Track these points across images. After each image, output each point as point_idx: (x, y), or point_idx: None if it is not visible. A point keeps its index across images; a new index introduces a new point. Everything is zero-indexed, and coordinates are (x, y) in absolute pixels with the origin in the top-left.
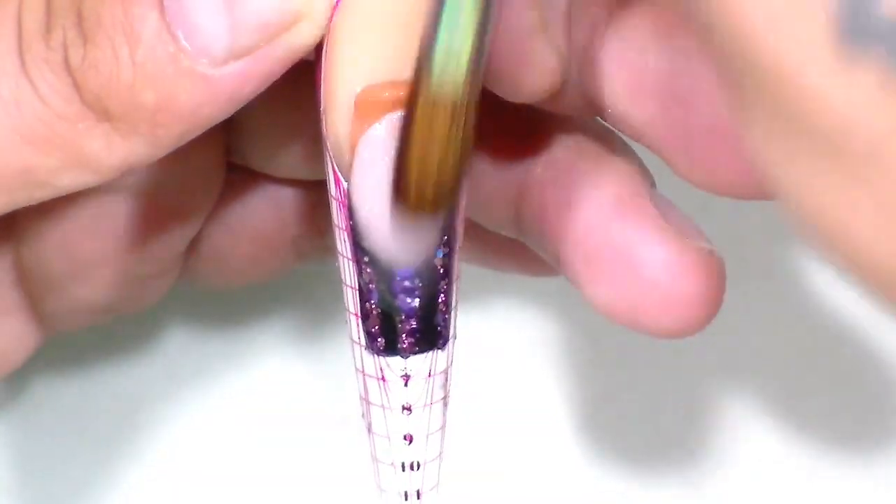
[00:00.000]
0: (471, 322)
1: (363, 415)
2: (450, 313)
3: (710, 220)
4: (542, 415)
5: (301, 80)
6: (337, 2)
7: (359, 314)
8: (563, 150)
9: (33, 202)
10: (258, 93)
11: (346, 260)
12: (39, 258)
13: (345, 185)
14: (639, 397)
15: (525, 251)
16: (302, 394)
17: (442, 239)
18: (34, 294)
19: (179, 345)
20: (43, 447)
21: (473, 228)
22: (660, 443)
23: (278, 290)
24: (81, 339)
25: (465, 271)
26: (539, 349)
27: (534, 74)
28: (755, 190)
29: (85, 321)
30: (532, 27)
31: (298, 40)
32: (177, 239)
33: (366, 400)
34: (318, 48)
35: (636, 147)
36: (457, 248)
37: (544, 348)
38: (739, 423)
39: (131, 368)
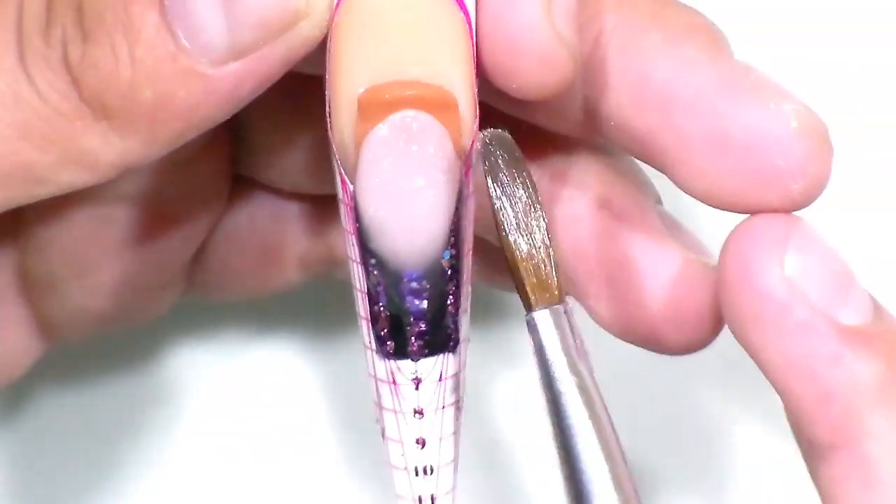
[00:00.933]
0: (484, 326)
1: (377, 420)
2: (460, 316)
3: (712, 237)
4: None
5: (307, 93)
6: (338, 1)
7: (369, 318)
8: (568, 166)
9: (32, 200)
10: (258, 93)
11: (355, 264)
12: (44, 266)
13: (351, 187)
14: (647, 400)
15: None
16: (316, 400)
17: (450, 240)
18: (38, 303)
19: (186, 353)
20: (45, 456)
21: (477, 245)
22: (666, 444)
23: (290, 296)
24: (84, 349)
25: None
26: None
27: (543, 68)
28: (755, 201)
29: (89, 330)
30: (540, 21)
31: (298, 40)
32: (181, 248)
33: (378, 405)
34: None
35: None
36: (466, 249)
37: None
38: (744, 426)
39: (135, 378)
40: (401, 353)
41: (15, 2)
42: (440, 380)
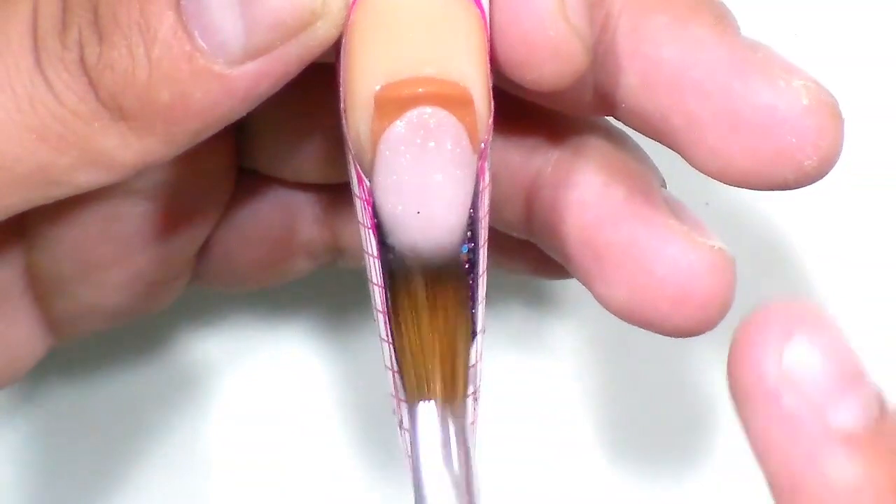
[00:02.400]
0: (494, 321)
1: (394, 411)
2: (477, 308)
3: (718, 221)
4: (566, 413)
5: (311, 84)
6: (354, 0)
7: (386, 312)
8: (574, 150)
9: (49, 201)
10: (274, 92)
11: (372, 258)
12: (51, 263)
13: (367, 183)
14: (656, 395)
15: (537, 253)
16: (329, 391)
17: (466, 234)
18: (45, 300)
19: (194, 345)
20: (49, 450)
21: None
22: (679, 442)
23: (300, 286)
24: (87, 341)
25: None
26: (567, 346)
27: (557, 60)
28: (769, 178)
29: (96, 326)
30: (554, 14)
31: (314, 39)
32: (187, 242)
33: (396, 397)
34: (338, 47)
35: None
36: (482, 242)
37: (572, 345)
38: None
39: (142, 369)
40: None
41: (30, 4)
42: None
